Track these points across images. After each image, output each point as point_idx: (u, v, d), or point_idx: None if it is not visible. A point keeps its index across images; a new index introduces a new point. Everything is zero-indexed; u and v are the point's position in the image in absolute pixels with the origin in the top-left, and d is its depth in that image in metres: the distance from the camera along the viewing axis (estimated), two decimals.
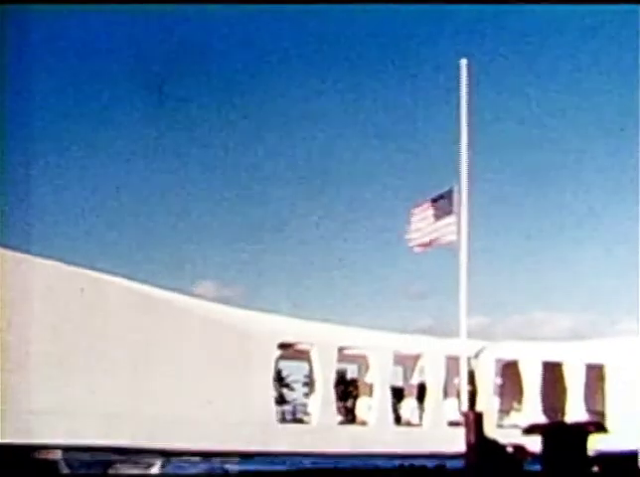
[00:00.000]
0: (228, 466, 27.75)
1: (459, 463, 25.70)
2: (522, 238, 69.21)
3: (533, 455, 22.39)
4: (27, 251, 25.26)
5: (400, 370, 37.75)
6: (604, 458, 22.35)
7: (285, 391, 60.36)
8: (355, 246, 67.52)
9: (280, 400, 50.72)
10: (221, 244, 71.48)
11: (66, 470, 24.60)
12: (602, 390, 37.03)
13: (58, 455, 24.67)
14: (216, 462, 28.13)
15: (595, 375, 36.84)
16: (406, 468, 27.41)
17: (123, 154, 64.60)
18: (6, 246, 25.04)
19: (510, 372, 36.55)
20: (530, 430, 25.91)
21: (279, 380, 60.79)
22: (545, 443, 23.44)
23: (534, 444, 22.89)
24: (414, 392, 36.00)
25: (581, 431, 23.91)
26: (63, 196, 62.58)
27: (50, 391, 23.98)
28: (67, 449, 24.72)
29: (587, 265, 65.46)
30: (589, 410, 36.43)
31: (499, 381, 37.89)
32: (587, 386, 36.73)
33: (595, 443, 23.56)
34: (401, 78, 63.70)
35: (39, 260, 25.24)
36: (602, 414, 35.98)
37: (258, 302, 67.39)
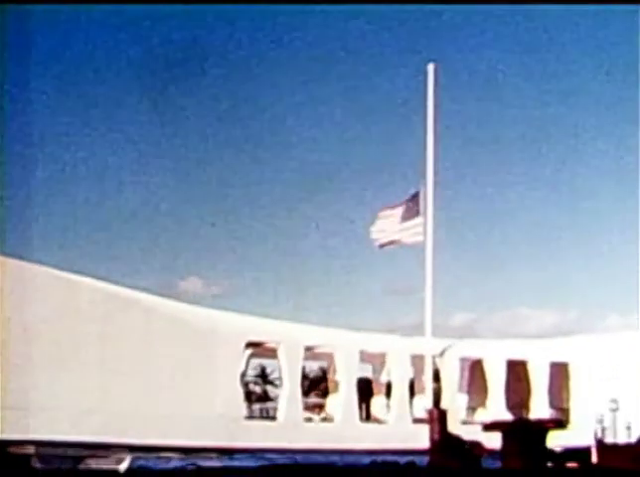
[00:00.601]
0: (199, 462, 29.07)
1: (423, 459, 27.14)
2: (507, 235, 70.95)
3: (489, 451, 23.83)
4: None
5: (369, 367, 39.12)
6: (562, 453, 23.84)
7: (269, 387, 61.74)
8: (345, 245, 68.34)
9: (264, 398, 51.70)
10: (208, 241, 72.69)
11: (38, 464, 25.87)
12: (567, 387, 38.44)
13: (30, 450, 25.98)
14: (186, 458, 29.50)
15: (560, 372, 38.26)
16: (379, 464, 28.77)
17: (118, 153, 65.86)
18: None
19: (478, 369, 37.92)
20: (490, 427, 27.36)
21: (263, 377, 62.16)
22: (504, 439, 24.92)
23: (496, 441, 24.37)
24: (383, 389, 37.33)
25: (540, 428, 25.40)
26: (56, 196, 63.41)
27: (22, 388, 25.06)
28: (39, 444, 25.99)
29: (573, 262, 67.03)
30: (554, 407, 37.83)
31: (467, 378, 39.32)
32: (552, 383, 38.11)
33: (556, 439, 25.07)
34: (370, 82, 65.53)
35: (11, 261, 26.31)
36: (567, 411, 37.43)
37: (245, 299, 69.05)
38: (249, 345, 33.06)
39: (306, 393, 43.85)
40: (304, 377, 39.84)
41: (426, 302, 30.69)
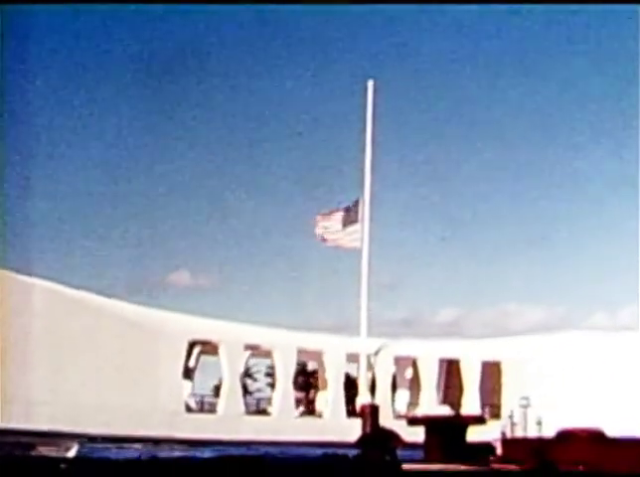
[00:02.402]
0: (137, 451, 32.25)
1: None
2: (495, 231, 73.71)
3: (406, 443, 27.30)
4: None
5: (314, 364, 42.45)
6: (474, 446, 27.34)
7: (249, 381, 65.47)
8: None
9: (244, 392, 55.12)
10: (197, 234, 74.60)
11: None
12: (499, 384, 41.97)
13: None
14: (127, 447, 32.68)
15: (492, 371, 41.80)
16: (330, 456, 31.86)
17: (112, 148, 67.91)
18: None
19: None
20: (414, 421, 30.87)
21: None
22: (427, 433, 28.40)
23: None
24: (326, 384, 40.57)
25: (459, 423, 28.88)
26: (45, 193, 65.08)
27: None
28: None
29: (561, 258, 69.56)
30: (485, 404, 41.38)
31: (409, 375, 42.80)
32: (484, 381, 41.59)
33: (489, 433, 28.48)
34: (314, 95, 68.84)
35: None
36: (498, 407, 40.95)
37: (233, 291, 71.60)
38: (198, 343, 36.51)
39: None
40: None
41: (362, 304, 33.89)
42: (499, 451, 26.10)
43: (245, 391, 54.80)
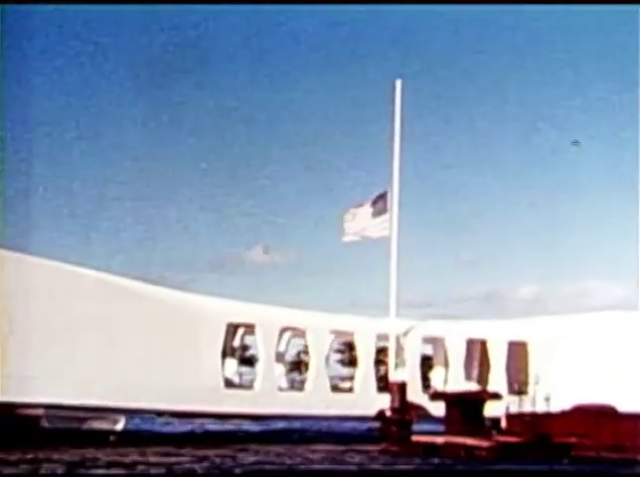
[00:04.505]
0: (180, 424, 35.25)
1: None
2: (578, 206, 74.61)
3: (420, 416, 29.91)
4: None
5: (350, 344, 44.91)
6: (486, 420, 30.01)
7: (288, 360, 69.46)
8: None
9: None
10: (273, 211, 76.70)
11: (47, 424, 32.05)
12: (526, 363, 44.24)
13: (40, 412, 32.08)
14: (174, 421, 35.78)
15: (519, 350, 44.07)
16: (373, 430, 34.45)
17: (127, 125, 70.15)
18: None
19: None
20: (435, 397, 33.61)
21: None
22: (447, 408, 31.14)
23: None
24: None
25: (477, 399, 31.57)
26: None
27: (36, 360, 31.02)
28: (48, 407, 32.03)
29: None
30: (513, 381, 43.73)
31: (443, 355, 45.26)
32: (512, 359, 43.88)
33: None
34: (344, 92, 70.84)
35: (8, 254, 32.06)
36: (525, 384, 43.28)
37: (309, 268, 73.71)
38: (241, 325, 39.54)
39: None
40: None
41: (391, 290, 36.42)
42: (504, 425, 28.75)
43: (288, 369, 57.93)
